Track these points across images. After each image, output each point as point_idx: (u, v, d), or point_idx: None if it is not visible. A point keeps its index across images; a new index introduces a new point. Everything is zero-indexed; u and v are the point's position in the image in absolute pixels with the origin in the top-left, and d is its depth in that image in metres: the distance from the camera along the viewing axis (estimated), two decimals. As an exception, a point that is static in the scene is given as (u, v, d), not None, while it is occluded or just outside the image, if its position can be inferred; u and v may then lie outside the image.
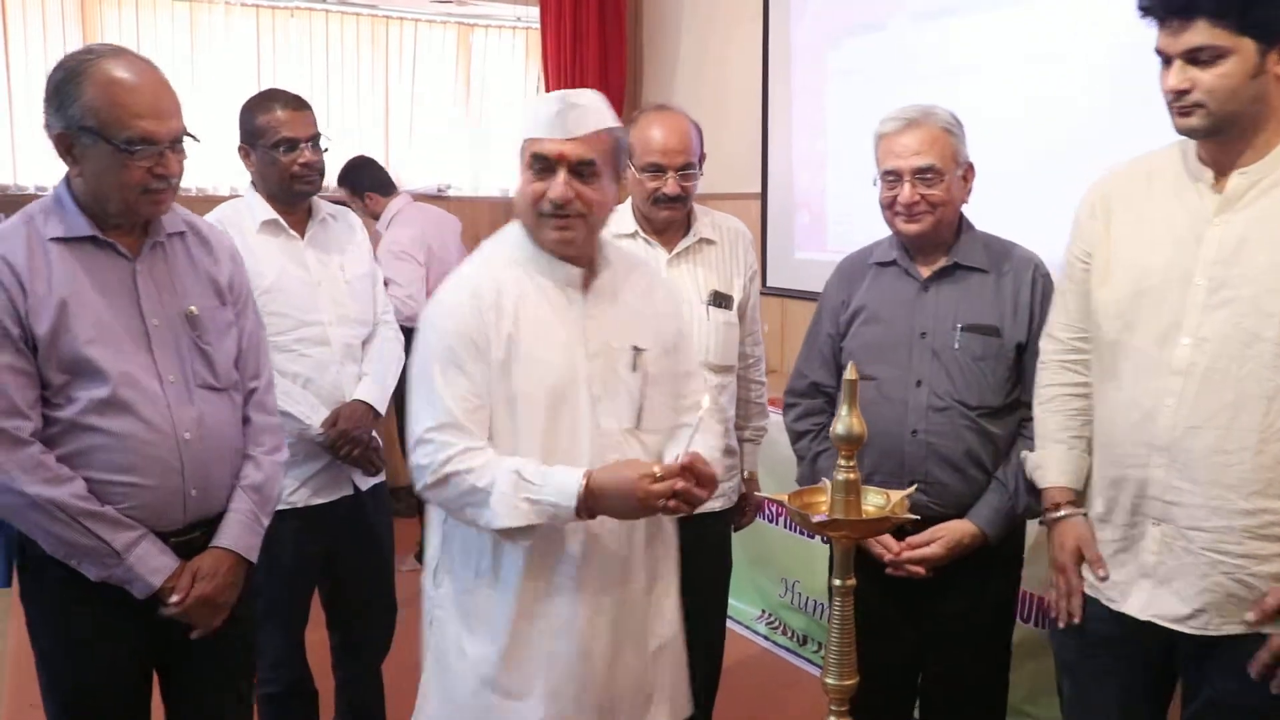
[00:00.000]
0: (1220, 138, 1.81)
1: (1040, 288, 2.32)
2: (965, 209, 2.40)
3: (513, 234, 2.05)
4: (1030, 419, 2.24)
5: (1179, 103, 1.78)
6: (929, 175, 2.26)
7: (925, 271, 2.36)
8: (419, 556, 4.98)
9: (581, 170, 1.93)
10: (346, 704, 3.10)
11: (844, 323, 2.44)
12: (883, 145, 2.33)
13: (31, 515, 1.89)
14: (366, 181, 4.96)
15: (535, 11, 5.75)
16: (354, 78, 5.98)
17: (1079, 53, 3.43)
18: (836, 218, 4.60)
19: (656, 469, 1.81)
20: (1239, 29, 1.71)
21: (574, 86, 5.59)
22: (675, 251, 2.73)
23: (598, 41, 5.61)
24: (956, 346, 2.29)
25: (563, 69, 5.63)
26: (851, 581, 1.55)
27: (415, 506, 5.60)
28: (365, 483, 2.87)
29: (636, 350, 2.02)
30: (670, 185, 2.64)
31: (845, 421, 1.50)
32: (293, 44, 5.77)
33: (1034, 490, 2.19)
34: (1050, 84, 3.53)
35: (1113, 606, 1.96)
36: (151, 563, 1.96)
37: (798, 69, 4.73)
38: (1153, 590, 1.89)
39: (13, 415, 1.86)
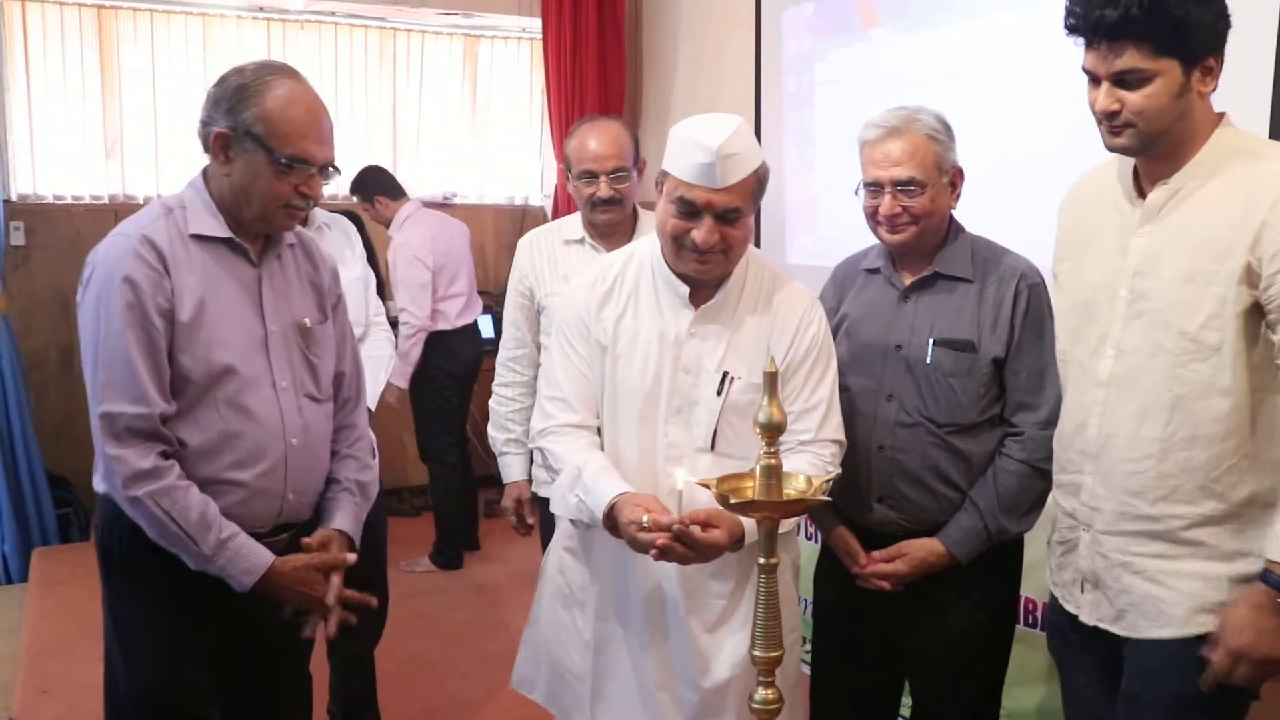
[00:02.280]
0: (1149, 153, 1.85)
1: (1025, 300, 2.21)
2: (956, 212, 2.32)
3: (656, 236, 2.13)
4: (1012, 436, 2.22)
5: (1109, 123, 1.82)
6: (911, 187, 2.17)
7: (907, 280, 2.29)
8: (433, 558, 5.10)
9: (728, 216, 1.99)
10: (339, 689, 3.23)
11: (832, 329, 2.32)
12: (865, 153, 2.25)
13: (131, 506, 1.93)
14: (374, 187, 5.09)
15: (539, 23, 5.88)
16: (363, 88, 6.14)
17: (1063, 61, 3.48)
18: (827, 224, 4.70)
19: (645, 519, 1.88)
20: (1165, 51, 1.74)
21: (576, 95, 5.72)
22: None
23: (597, 52, 5.72)
24: (928, 361, 2.22)
25: (563, 79, 5.74)
26: (775, 560, 1.65)
27: (417, 508, 5.74)
28: None
29: (727, 376, 2.06)
30: (603, 189, 2.80)
31: (766, 411, 1.60)
32: (303, 55, 5.92)
33: (1009, 511, 2.21)
34: (1035, 92, 3.59)
35: (1065, 607, 2.04)
36: (242, 564, 1.98)
37: (788, 78, 4.84)
38: (1092, 593, 1.96)
39: (139, 402, 1.90)
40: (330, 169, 2.05)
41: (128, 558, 2.03)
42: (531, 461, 2.96)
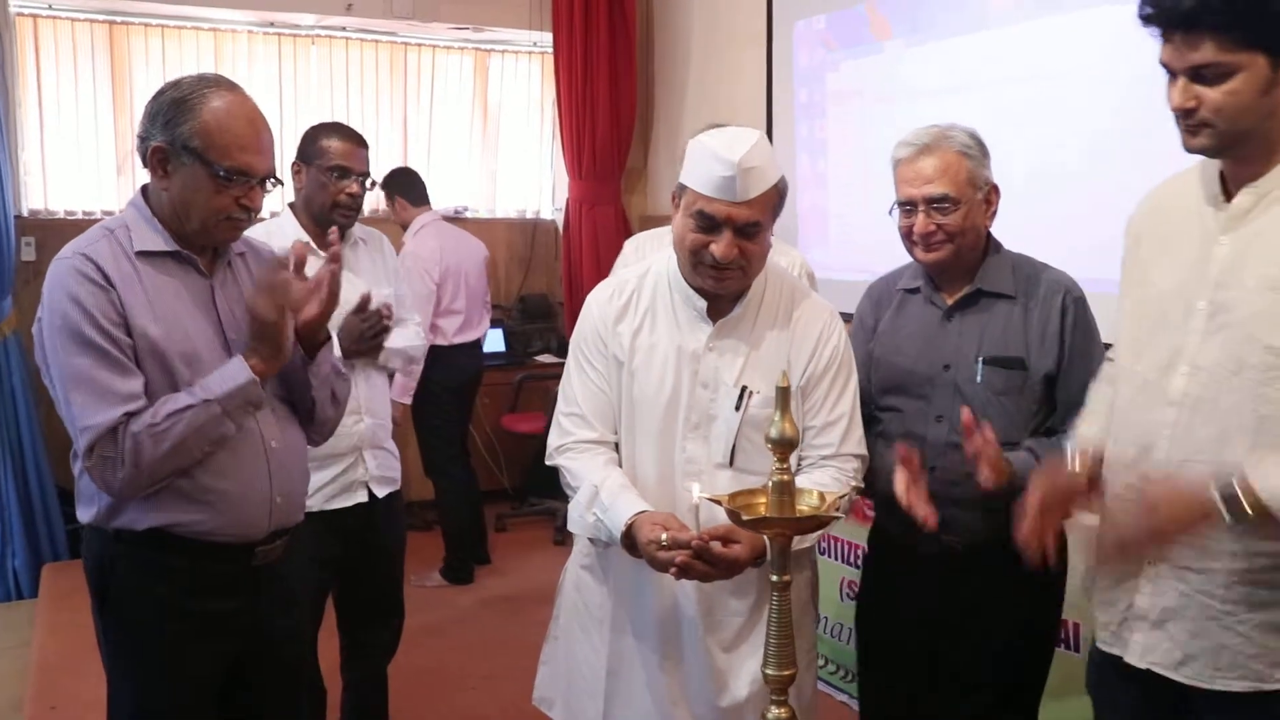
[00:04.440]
0: (1233, 154, 1.68)
1: (1071, 315, 2.19)
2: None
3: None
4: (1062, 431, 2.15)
5: (1186, 121, 1.65)
6: (944, 204, 2.15)
7: (949, 299, 2.26)
8: (444, 573, 5.08)
9: (748, 230, 1.96)
10: (352, 704, 3.20)
11: (870, 349, 2.35)
12: (898, 172, 2.23)
13: (164, 453, 1.89)
14: (398, 187, 5.11)
15: (550, 37, 5.90)
16: (374, 103, 6.15)
17: (1073, 71, 3.49)
18: (838, 236, 4.68)
19: (664, 537, 1.84)
20: (1249, 43, 1.56)
21: (587, 108, 5.71)
22: None
23: (608, 66, 5.72)
24: (979, 380, 2.19)
25: (574, 92, 5.74)
26: (788, 578, 1.63)
27: (429, 522, 5.72)
28: (380, 490, 2.98)
29: (745, 391, 2.03)
30: None
31: (778, 426, 1.58)
32: (314, 70, 5.95)
33: None
34: (1048, 103, 3.58)
35: (1104, 648, 1.87)
36: (230, 371, 1.95)
37: (800, 91, 4.83)
38: (1148, 634, 1.76)
39: (117, 407, 1.87)
40: (271, 180, 2.02)
41: (121, 588, 2.01)
42: None
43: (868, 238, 4.44)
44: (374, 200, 5.98)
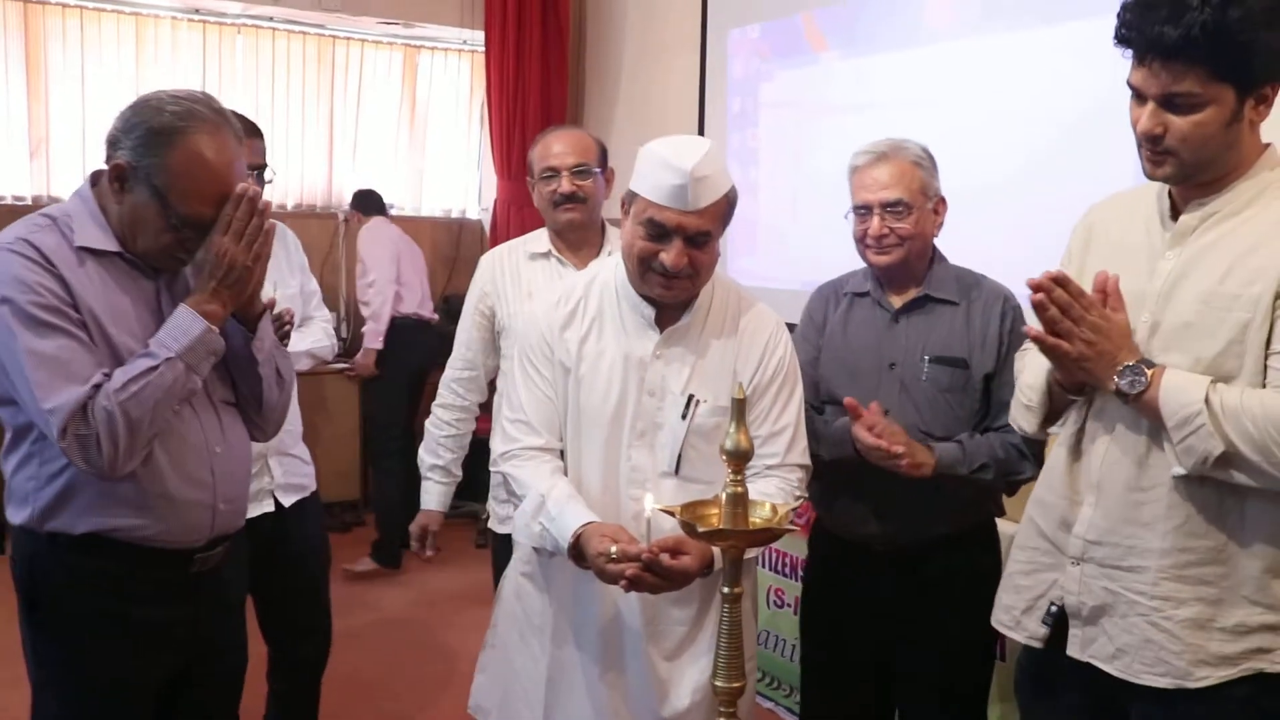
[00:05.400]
0: (1191, 182, 1.74)
1: (1010, 319, 2.30)
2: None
3: (618, 256, 2.09)
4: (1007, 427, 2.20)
5: (1152, 148, 1.70)
6: (898, 209, 2.25)
7: (897, 303, 2.35)
8: (374, 555, 5.14)
9: (698, 240, 1.96)
10: (277, 714, 3.10)
11: (817, 347, 2.43)
12: (855, 179, 2.33)
13: (141, 419, 1.81)
14: (356, 203, 5.73)
15: (481, 35, 5.84)
16: (299, 96, 6.04)
17: (1007, 89, 3.54)
18: (767, 245, 4.71)
19: (614, 550, 1.84)
20: (1221, 77, 1.61)
21: (518, 110, 5.67)
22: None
23: (540, 67, 5.69)
24: (924, 378, 2.29)
25: (505, 93, 5.70)
26: (739, 589, 1.62)
27: (347, 524, 5.68)
28: (288, 498, 2.84)
29: (692, 399, 2.03)
30: (564, 184, 2.70)
31: (734, 438, 1.57)
32: (239, 61, 5.83)
33: (999, 465, 2.22)
34: (977, 120, 3.63)
35: (999, 628, 1.98)
36: (181, 324, 1.88)
37: (733, 100, 4.85)
38: (1084, 629, 1.83)
39: (79, 382, 1.78)
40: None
41: (53, 594, 1.94)
42: (453, 492, 2.97)
43: (798, 247, 4.48)
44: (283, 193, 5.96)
